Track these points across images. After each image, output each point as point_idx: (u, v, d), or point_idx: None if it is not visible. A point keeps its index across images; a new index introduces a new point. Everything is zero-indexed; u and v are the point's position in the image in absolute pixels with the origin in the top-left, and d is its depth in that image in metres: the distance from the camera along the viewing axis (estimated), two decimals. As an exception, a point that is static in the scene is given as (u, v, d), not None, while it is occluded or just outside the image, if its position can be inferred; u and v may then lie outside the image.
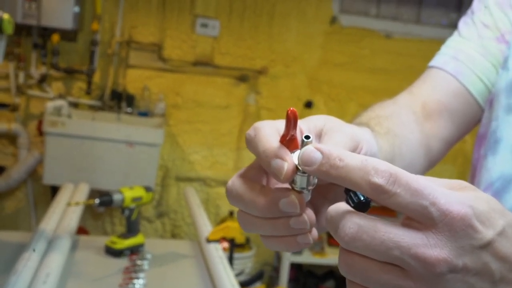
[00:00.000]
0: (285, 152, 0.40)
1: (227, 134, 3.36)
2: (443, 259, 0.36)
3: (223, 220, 3.19)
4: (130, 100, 3.16)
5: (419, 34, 3.43)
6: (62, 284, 1.48)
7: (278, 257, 3.42)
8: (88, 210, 3.14)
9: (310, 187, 0.41)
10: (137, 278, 1.58)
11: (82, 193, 2.30)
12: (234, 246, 1.99)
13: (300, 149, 0.39)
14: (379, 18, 3.42)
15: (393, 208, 0.37)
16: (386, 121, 0.67)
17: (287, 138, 0.41)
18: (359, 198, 0.39)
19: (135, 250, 1.79)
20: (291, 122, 0.40)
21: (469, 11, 0.84)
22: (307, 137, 0.39)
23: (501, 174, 0.72)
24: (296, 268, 3.38)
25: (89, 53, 3.04)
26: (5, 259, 1.60)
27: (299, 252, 3.20)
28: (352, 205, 0.39)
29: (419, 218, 0.37)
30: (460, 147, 3.21)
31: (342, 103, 3.40)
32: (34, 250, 1.49)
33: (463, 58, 0.79)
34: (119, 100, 3.14)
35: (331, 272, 3.49)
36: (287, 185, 0.42)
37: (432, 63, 0.83)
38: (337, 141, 0.46)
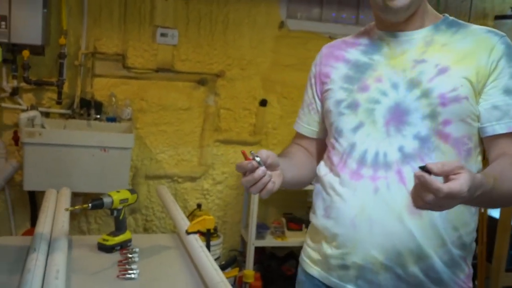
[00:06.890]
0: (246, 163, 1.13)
1: (190, 134, 3.54)
2: None
3: (191, 213, 3.44)
4: (98, 107, 3.29)
5: (359, 34, 3.71)
6: (68, 279, 1.61)
7: (244, 243, 3.65)
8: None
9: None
10: (131, 269, 1.74)
11: (65, 197, 2.40)
12: (210, 236, 2.25)
13: (252, 160, 1.13)
14: (322, 21, 3.66)
15: None
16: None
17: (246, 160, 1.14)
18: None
19: (124, 245, 1.95)
20: (245, 154, 1.13)
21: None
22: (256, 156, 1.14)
23: None
24: (259, 251, 3.55)
25: (57, 65, 3.16)
26: (8, 262, 1.75)
27: (262, 237, 3.47)
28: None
29: None
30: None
31: (294, 101, 3.61)
32: (34, 249, 1.61)
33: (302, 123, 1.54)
34: (88, 108, 3.26)
35: (291, 253, 3.66)
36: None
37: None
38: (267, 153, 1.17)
